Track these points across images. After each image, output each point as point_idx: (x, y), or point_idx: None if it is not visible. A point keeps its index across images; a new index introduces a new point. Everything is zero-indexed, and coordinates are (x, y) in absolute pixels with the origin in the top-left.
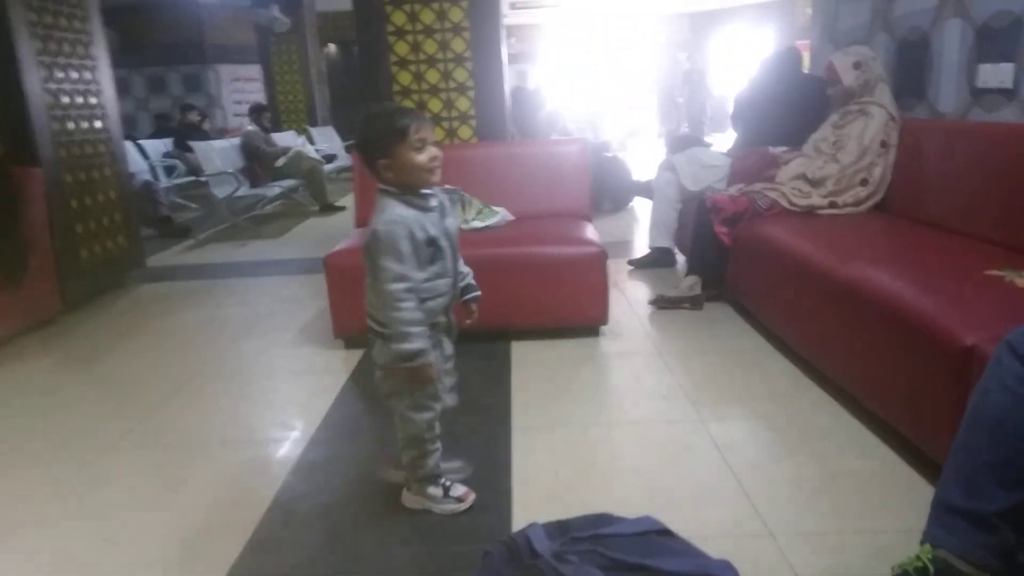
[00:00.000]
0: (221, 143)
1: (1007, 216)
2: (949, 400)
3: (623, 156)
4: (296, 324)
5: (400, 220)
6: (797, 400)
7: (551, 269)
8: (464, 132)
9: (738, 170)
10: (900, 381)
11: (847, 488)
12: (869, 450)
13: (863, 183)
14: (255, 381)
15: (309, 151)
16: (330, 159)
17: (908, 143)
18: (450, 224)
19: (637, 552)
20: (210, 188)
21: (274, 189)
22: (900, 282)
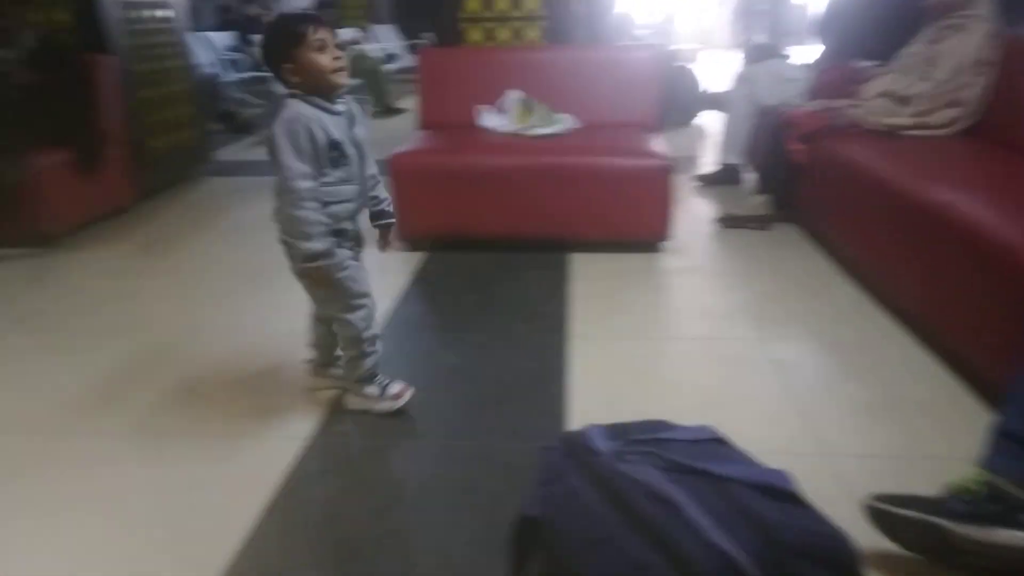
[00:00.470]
0: None
1: None
2: (1019, 328)
3: (693, 66)
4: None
5: (298, 117)
6: (861, 325)
7: (614, 181)
8: (531, 33)
9: (819, 85)
10: (972, 308)
11: (907, 414)
12: (932, 377)
13: (955, 104)
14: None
15: (370, 50)
16: (392, 59)
17: (1011, 63)
18: (358, 131)
19: (694, 457)
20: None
21: None
22: (984, 209)
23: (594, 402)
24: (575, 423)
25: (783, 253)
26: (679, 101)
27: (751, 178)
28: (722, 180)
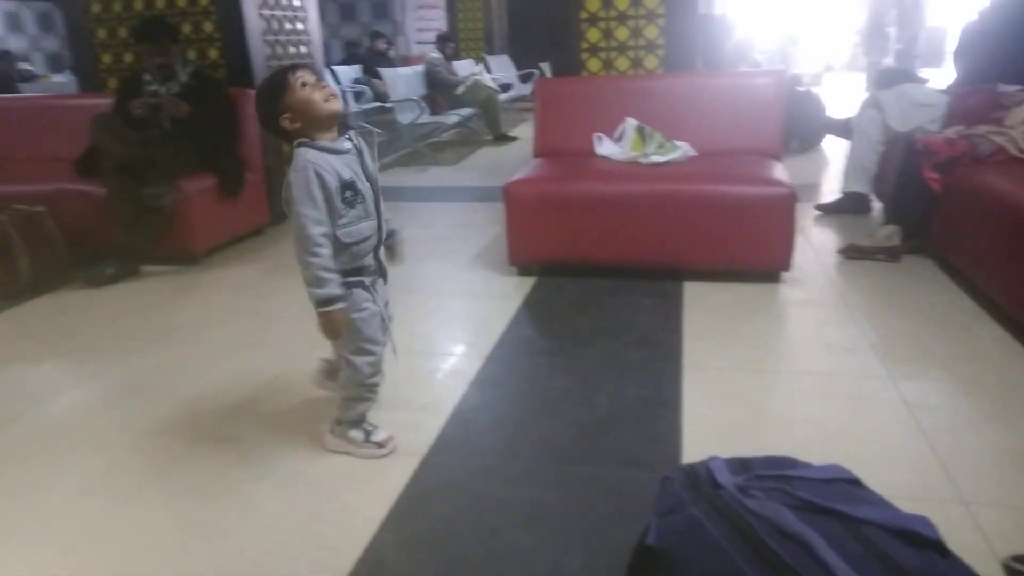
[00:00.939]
0: (406, 71)
1: None
2: None
3: (817, 90)
4: (472, 249)
5: (309, 164)
6: (1004, 366)
7: (734, 209)
8: (650, 62)
9: (958, 110)
10: None
11: None
12: None
13: None
14: (436, 299)
15: (486, 80)
16: (506, 88)
17: None
18: (369, 165)
19: (827, 496)
20: (395, 114)
21: (452, 117)
22: None
23: (709, 434)
24: (690, 454)
25: (915, 287)
26: (802, 126)
27: (878, 207)
28: (846, 209)
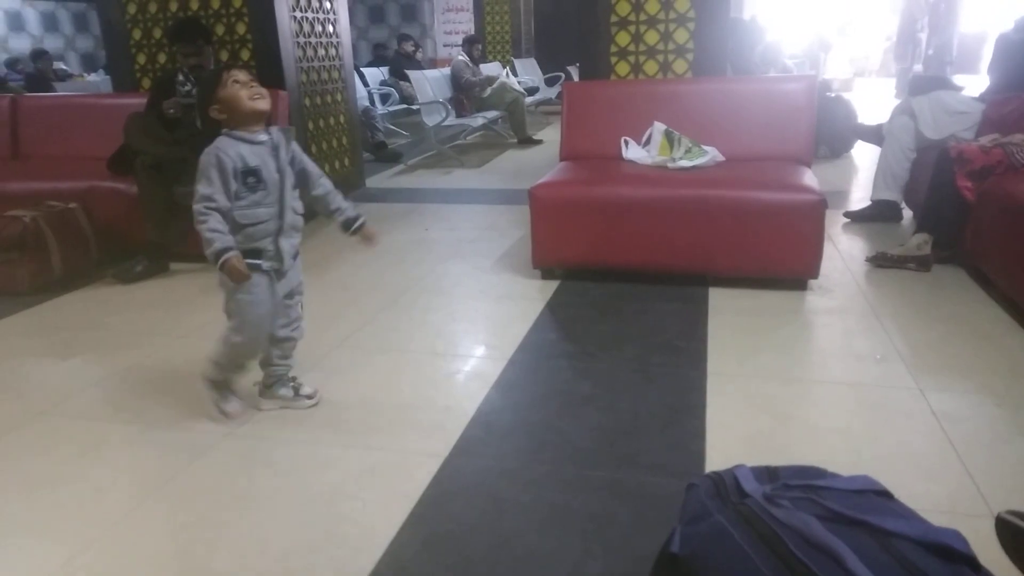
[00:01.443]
0: (433, 73)
1: None
2: None
3: (847, 96)
4: (496, 251)
5: (212, 150)
6: None
7: (762, 215)
8: (679, 66)
9: (994, 118)
10: None
11: None
12: None
13: None
14: (460, 301)
15: (512, 83)
16: (532, 91)
17: None
18: (282, 157)
19: (856, 508)
20: (421, 116)
21: (478, 119)
22: None
23: (734, 442)
24: (715, 462)
25: (946, 297)
26: (831, 133)
27: (908, 215)
28: (875, 216)
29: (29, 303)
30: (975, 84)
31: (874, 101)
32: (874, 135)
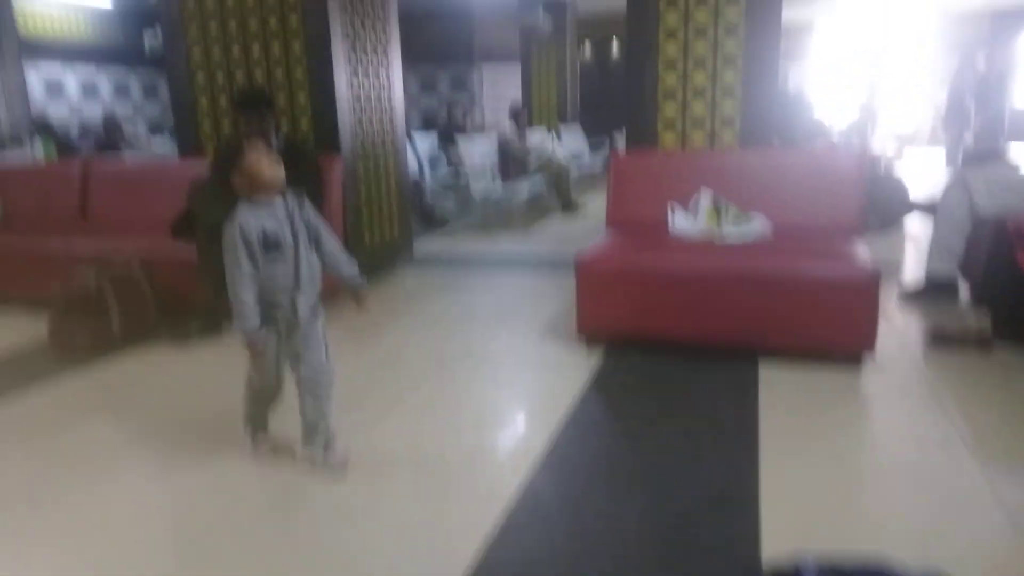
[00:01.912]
0: (481, 140)
1: None
2: None
3: (896, 167)
4: (540, 319)
5: (232, 222)
6: None
7: (815, 288)
8: (726, 137)
9: None
10: None
11: None
12: None
13: None
14: (505, 369)
15: (558, 153)
16: (576, 157)
17: None
18: (297, 221)
19: None
20: (468, 182)
21: (523, 186)
22: None
23: (790, 529)
24: (771, 549)
25: (1010, 378)
26: (882, 204)
27: (965, 291)
28: (930, 292)
29: (87, 362)
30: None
31: (923, 171)
32: (924, 207)
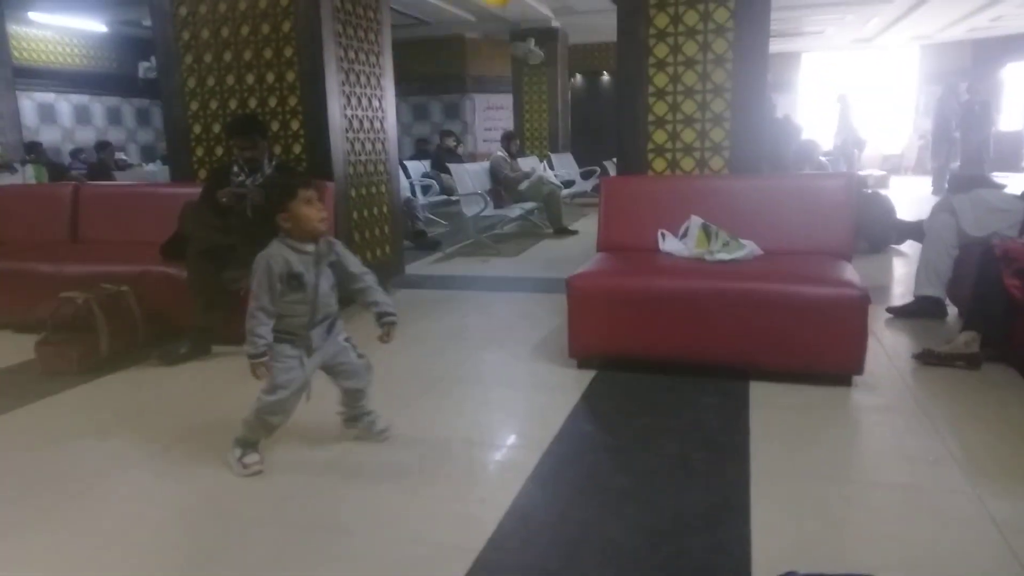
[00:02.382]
0: (473, 166)
1: None
2: None
3: (884, 192)
4: (532, 340)
5: (264, 255)
6: None
7: (804, 309)
8: (716, 163)
9: None
10: None
11: None
12: None
13: None
14: (495, 389)
15: (549, 176)
16: (568, 184)
17: None
18: (322, 266)
19: None
20: (461, 207)
21: (515, 211)
22: None
23: (782, 546)
24: (762, 567)
25: (997, 397)
26: (870, 228)
27: (953, 312)
28: (919, 313)
29: (75, 382)
30: (1015, 182)
31: (911, 198)
32: (914, 231)
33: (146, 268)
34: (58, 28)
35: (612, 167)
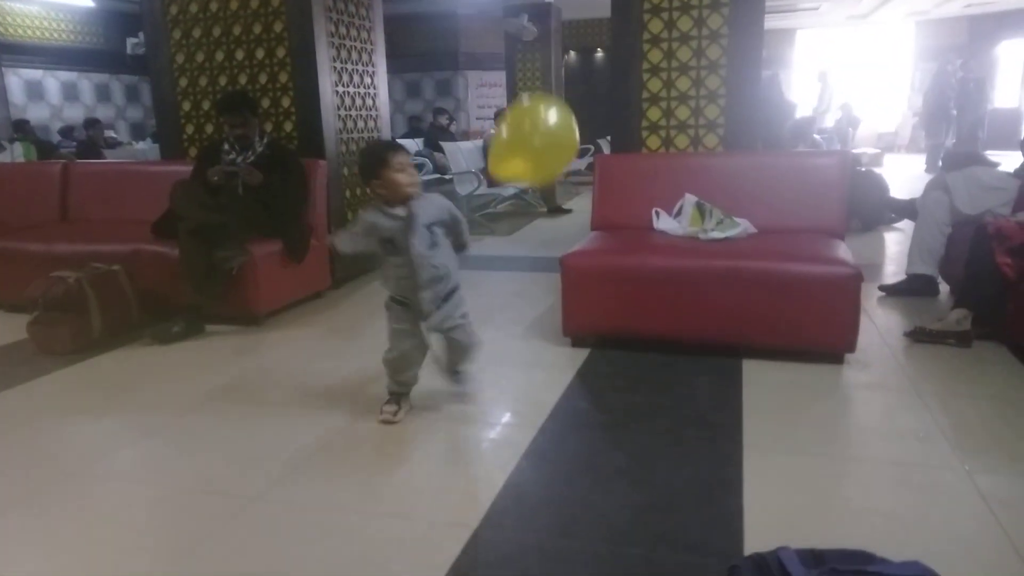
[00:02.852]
0: (466, 145)
1: None
2: None
3: (878, 171)
4: (526, 319)
5: (364, 213)
6: None
7: (797, 287)
8: (710, 140)
9: None
10: None
11: None
12: None
13: None
14: (490, 367)
15: None
16: None
17: None
18: (415, 228)
19: None
20: (454, 185)
21: (509, 189)
22: None
23: (773, 521)
24: (754, 541)
25: (988, 374)
26: (863, 206)
27: (945, 290)
28: (909, 291)
29: (68, 362)
30: (1009, 160)
31: (904, 176)
32: (907, 209)
33: (138, 247)
34: (44, 3)
35: (607, 145)
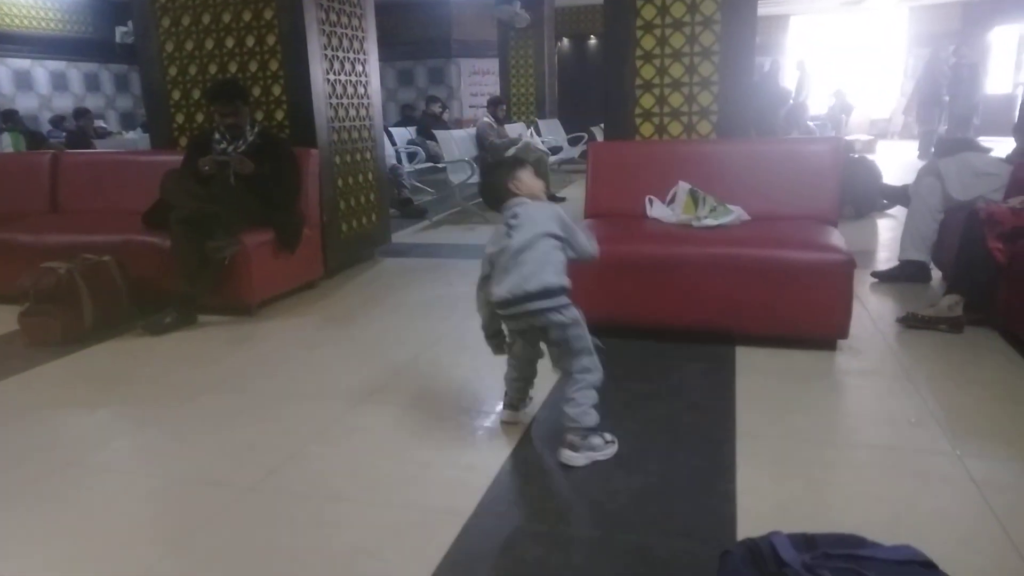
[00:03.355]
0: (459, 133)
1: None
2: None
3: (871, 158)
4: None
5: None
6: None
7: (788, 274)
8: (703, 127)
9: (1022, 179)
10: None
11: None
12: None
13: None
14: (484, 356)
15: (536, 143)
16: (555, 151)
17: None
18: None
19: None
20: (447, 174)
21: None
22: None
23: (766, 506)
24: (746, 527)
25: (980, 360)
26: (856, 193)
27: (937, 276)
28: (902, 277)
29: (60, 353)
30: (1002, 146)
31: (897, 163)
32: (900, 196)
33: (128, 237)
34: None
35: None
